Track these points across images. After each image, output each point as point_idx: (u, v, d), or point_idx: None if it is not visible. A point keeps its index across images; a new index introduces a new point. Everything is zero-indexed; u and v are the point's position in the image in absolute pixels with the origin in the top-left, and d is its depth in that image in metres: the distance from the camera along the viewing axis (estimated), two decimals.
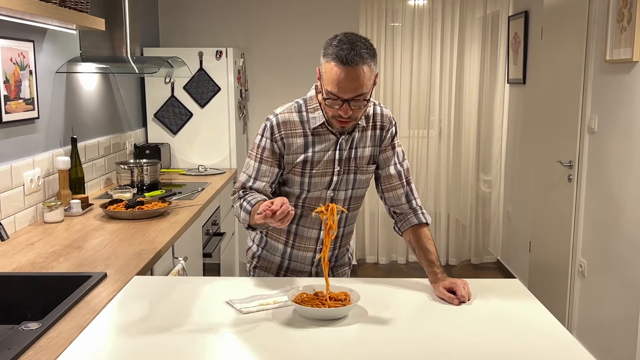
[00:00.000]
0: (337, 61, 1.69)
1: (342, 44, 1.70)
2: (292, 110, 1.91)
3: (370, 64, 1.71)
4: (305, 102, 1.91)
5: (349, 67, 1.68)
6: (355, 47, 1.69)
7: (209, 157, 4.27)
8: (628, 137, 3.02)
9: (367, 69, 1.70)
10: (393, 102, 5.17)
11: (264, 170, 1.88)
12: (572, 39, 3.62)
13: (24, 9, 2.00)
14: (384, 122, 1.95)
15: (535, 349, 1.44)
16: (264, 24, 4.68)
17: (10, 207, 2.45)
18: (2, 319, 1.81)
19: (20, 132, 2.58)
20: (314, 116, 1.87)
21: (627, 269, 3.02)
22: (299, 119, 1.89)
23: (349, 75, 1.69)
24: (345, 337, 1.48)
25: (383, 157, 1.97)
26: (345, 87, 1.70)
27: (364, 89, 1.72)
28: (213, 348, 1.43)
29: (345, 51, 1.68)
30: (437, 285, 1.76)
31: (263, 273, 2.06)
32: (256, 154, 1.90)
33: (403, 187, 1.96)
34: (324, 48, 1.75)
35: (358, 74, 1.69)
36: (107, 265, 2.02)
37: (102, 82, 3.52)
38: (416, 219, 1.94)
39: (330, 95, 1.74)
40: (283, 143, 1.88)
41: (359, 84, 1.70)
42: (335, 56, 1.69)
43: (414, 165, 5.24)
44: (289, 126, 1.88)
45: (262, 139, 1.90)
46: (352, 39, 1.72)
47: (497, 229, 5.34)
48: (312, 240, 2.00)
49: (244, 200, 1.85)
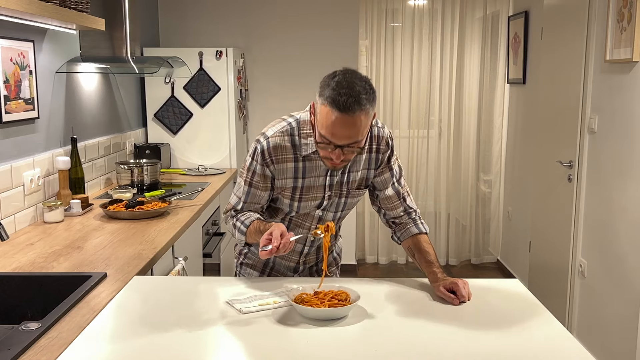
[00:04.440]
0: (333, 106, 1.57)
1: (340, 87, 1.58)
2: (284, 133, 1.80)
3: (369, 110, 1.60)
4: (298, 125, 1.80)
5: (345, 114, 1.57)
6: (354, 92, 1.57)
7: (209, 157, 4.27)
8: (628, 137, 3.02)
9: (364, 116, 1.59)
10: (393, 102, 5.17)
11: (254, 193, 1.85)
12: (572, 39, 3.62)
13: (24, 9, 2.00)
14: (380, 145, 1.87)
15: (535, 349, 1.44)
16: (264, 23, 4.68)
17: (10, 207, 2.45)
18: (2, 319, 1.81)
19: (20, 132, 2.58)
20: (306, 142, 1.78)
21: (627, 269, 3.02)
22: (290, 143, 1.80)
23: (345, 123, 1.58)
24: (345, 337, 1.48)
25: (380, 179, 1.91)
26: (339, 134, 1.61)
27: (360, 137, 1.63)
28: (213, 348, 1.43)
29: (344, 97, 1.56)
30: (437, 285, 1.76)
31: (249, 270, 2.06)
32: (246, 177, 1.85)
33: (402, 204, 1.94)
34: (321, 87, 1.64)
35: (354, 122, 1.59)
36: (107, 265, 2.02)
37: (102, 82, 3.52)
38: (416, 229, 1.92)
39: (323, 140, 1.65)
40: (274, 167, 1.82)
41: (354, 132, 1.61)
42: (331, 100, 1.58)
43: (414, 165, 5.24)
44: (279, 151, 1.80)
45: (253, 162, 1.83)
46: (351, 81, 1.60)
47: (497, 229, 5.34)
48: (295, 254, 2.00)
49: (237, 220, 1.85)
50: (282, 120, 1.84)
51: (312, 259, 2.05)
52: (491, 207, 5.32)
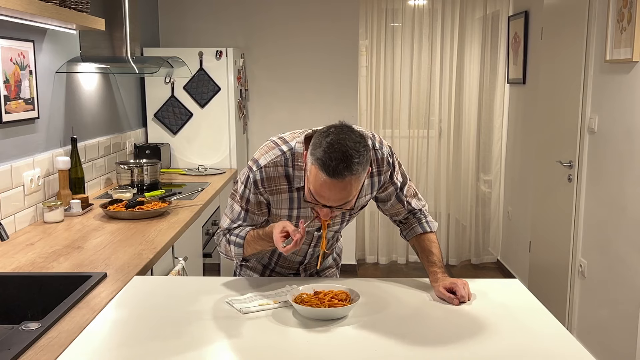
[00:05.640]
0: (323, 170, 1.48)
1: (332, 151, 1.47)
2: (278, 163, 1.71)
3: (361, 173, 1.52)
4: (292, 156, 1.71)
5: (335, 180, 1.48)
6: (346, 157, 1.47)
7: (209, 157, 4.27)
8: (628, 137, 3.02)
9: (355, 180, 1.51)
10: (393, 102, 5.17)
11: (251, 217, 1.80)
12: (572, 39, 3.62)
13: (24, 9, 2.00)
14: (380, 167, 1.80)
15: (535, 349, 1.44)
16: (264, 23, 4.68)
17: (10, 207, 2.45)
18: (2, 319, 1.81)
19: (20, 132, 2.58)
20: (300, 175, 1.71)
21: (627, 269, 3.02)
22: (284, 173, 1.72)
23: (334, 187, 1.50)
24: (345, 337, 1.48)
25: (384, 194, 1.88)
26: (328, 197, 1.54)
27: (350, 197, 1.55)
28: (213, 348, 1.43)
29: (334, 162, 1.46)
30: (437, 285, 1.76)
31: (249, 272, 2.05)
32: (241, 204, 1.79)
33: (406, 208, 1.92)
34: (313, 145, 1.53)
35: (345, 186, 1.51)
36: (107, 265, 2.02)
37: (102, 82, 3.52)
38: (420, 229, 1.91)
39: (312, 199, 1.58)
40: (268, 196, 1.76)
41: (344, 195, 1.53)
42: (322, 164, 1.48)
43: (413, 165, 5.24)
44: (273, 182, 1.73)
45: (246, 191, 1.75)
46: (344, 144, 1.48)
47: (497, 229, 5.34)
48: (295, 264, 2.00)
49: (230, 235, 1.81)
50: (276, 146, 1.74)
51: (312, 267, 2.05)
52: (491, 207, 5.32)
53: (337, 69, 4.70)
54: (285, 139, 1.76)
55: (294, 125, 5.11)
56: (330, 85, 4.73)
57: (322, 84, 4.72)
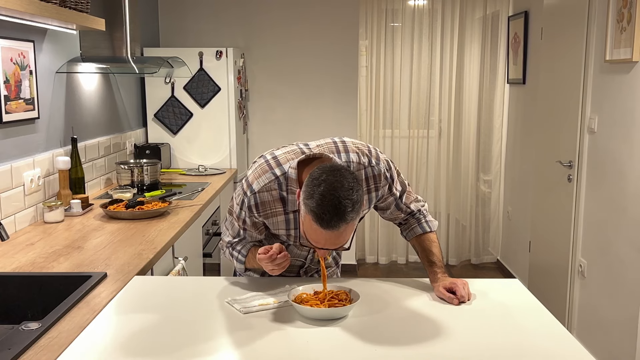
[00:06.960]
0: (316, 222, 1.48)
1: (324, 204, 1.45)
2: (271, 187, 1.71)
3: (355, 219, 1.51)
4: (286, 180, 1.70)
5: (330, 231, 1.48)
6: (340, 211, 1.45)
7: (209, 157, 4.27)
8: (628, 137, 3.02)
9: (350, 225, 1.51)
10: (393, 102, 5.17)
11: (250, 235, 1.84)
12: (572, 39, 3.62)
13: (24, 9, 2.00)
14: (377, 184, 1.80)
15: (535, 349, 1.44)
16: (264, 23, 4.68)
17: (10, 207, 2.45)
18: (2, 319, 1.81)
19: (20, 132, 2.58)
20: (294, 200, 1.70)
21: (627, 269, 3.02)
22: (279, 197, 1.72)
23: (330, 237, 1.51)
24: (345, 337, 1.48)
25: (384, 204, 1.88)
26: (325, 244, 1.54)
27: (345, 241, 1.55)
28: (213, 348, 1.43)
29: (328, 215, 1.45)
30: (437, 285, 1.76)
31: (250, 272, 2.05)
32: (239, 224, 1.81)
33: (405, 212, 1.92)
34: (305, 193, 1.51)
35: (340, 234, 1.51)
36: (107, 265, 2.02)
37: (102, 82, 3.52)
38: (420, 229, 1.92)
39: (309, 244, 1.58)
40: (264, 220, 1.77)
41: (340, 240, 1.54)
42: (315, 216, 1.47)
43: (414, 165, 5.24)
44: (268, 206, 1.73)
45: (242, 213, 1.76)
46: (337, 195, 1.46)
47: (497, 229, 5.34)
48: (295, 267, 2.00)
49: (234, 250, 1.88)
50: (269, 169, 1.72)
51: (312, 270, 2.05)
52: (491, 207, 5.32)
53: (337, 69, 4.70)
54: (279, 160, 1.73)
55: (294, 125, 5.12)
56: (331, 86, 4.73)
57: (322, 84, 4.73)
